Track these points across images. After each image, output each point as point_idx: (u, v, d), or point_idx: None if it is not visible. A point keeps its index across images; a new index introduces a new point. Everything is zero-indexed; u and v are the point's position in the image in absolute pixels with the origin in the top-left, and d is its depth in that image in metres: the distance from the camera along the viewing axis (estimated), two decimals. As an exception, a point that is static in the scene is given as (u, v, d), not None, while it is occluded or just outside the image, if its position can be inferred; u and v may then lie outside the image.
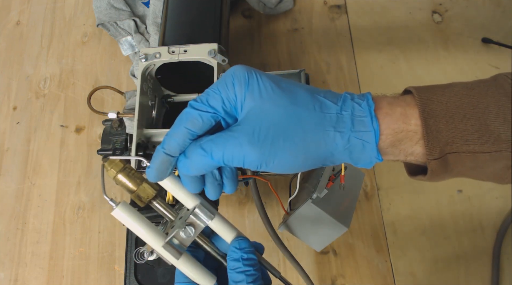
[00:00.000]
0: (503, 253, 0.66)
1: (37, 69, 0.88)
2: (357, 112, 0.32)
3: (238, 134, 0.32)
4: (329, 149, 0.32)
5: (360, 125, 0.32)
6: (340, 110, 0.32)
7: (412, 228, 0.69)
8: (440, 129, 0.30)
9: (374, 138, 0.31)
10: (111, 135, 0.61)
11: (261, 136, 0.32)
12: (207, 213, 0.37)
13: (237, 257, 0.37)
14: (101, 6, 0.84)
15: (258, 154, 0.32)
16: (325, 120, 0.32)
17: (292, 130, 0.32)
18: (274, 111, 0.32)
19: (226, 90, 0.33)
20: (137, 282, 0.51)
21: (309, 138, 0.32)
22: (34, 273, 0.72)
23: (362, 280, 0.66)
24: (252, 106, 0.32)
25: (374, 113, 0.32)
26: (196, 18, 0.67)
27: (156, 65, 0.59)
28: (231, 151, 0.32)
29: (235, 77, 0.33)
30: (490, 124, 0.30)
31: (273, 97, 0.32)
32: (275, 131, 0.32)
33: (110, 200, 0.35)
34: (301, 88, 0.33)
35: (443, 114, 0.31)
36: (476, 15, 0.83)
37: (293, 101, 0.32)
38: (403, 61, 0.80)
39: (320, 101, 0.32)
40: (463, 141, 0.30)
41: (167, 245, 0.36)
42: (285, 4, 0.85)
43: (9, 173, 0.80)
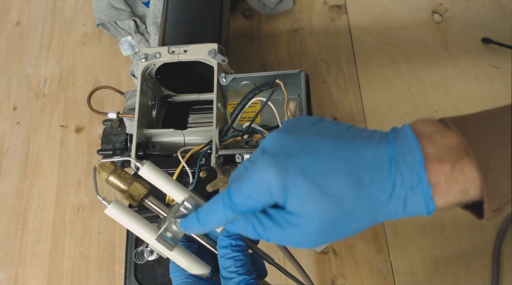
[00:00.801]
0: (503, 253, 0.66)
1: (37, 69, 0.88)
2: (410, 198, 0.30)
3: (289, 231, 0.32)
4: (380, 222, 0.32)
5: (412, 209, 0.30)
6: (390, 197, 0.30)
7: (412, 228, 0.69)
8: (500, 183, 0.29)
9: (427, 214, 0.31)
10: (111, 135, 0.61)
11: (311, 237, 0.32)
12: (197, 205, 0.38)
13: (226, 244, 0.38)
14: (101, 6, 0.84)
15: (309, 246, 0.33)
16: (374, 212, 0.31)
17: (342, 227, 0.32)
18: (321, 217, 0.31)
19: (263, 199, 0.32)
20: (137, 282, 0.51)
21: (360, 227, 0.32)
22: (34, 273, 0.72)
23: (362, 280, 0.66)
24: (297, 210, 0.31)
25: (430, 198, 0.30)
26: (196, 18, 0.67)
27: (156, 65, 0.59)
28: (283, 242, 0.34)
29: (272, 189, 0.31)
30: None
31: (318, 204, 0.31)
32: (325, 232, 0.32)
33: (102, 199, 0.37)
34: (344, 183, 0.30)
35: (501, 168, 0.29)
36: (476, 15, 0.83)
37: (339, 204, 0.30)
38: (403, 61, 0.80)
39: (367, 195, 0.30)
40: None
41: (159, 238, 0.37)
42: (285, 4, 0.85)
43: (9, 173, 0.80)
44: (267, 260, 0.41)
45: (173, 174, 0.51)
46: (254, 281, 0.37)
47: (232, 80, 0.57)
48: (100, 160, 0.38)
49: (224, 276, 0.37)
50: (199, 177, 0.52)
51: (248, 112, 0.60)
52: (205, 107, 0.62)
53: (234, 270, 0.37)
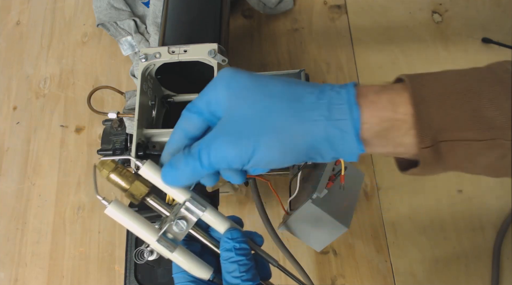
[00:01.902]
0: (503, 253, 0.66)
1: (37, 69, 0.88)
2: (335, 100, 0.30)
3: (217, 135, 0.32)
4: (307, 140, 0.30)
5: (337, 114, 0.30)
6: (316, 99, 0.30)
7: (412, 228, 0.69)
8: (432, 115, 0.29)
9: (353, 127, 0.29)
10: (111, 135, 0.61)
11: (237, 134, 0.31)
12: (198, 206, 0.37)
13: (230, 247, 0.37)
14: (101, 6, 0.84)
15: (237, 152, 0.31)
16: (299, 111, 0.30)
17: (266, 124, 0.31)
18: (248, 108, 0.31)
19: (209, 91, 0.34)
20: (137, 282, 0.51)
21: (284, 131, 0.30)
22: (34, 273, 0.72)
23: (362, 280, 0.66)
24: (229, 105, 0.32)
25: (354, 100, 0.30)
26: (196, 18, 0.67)
27: (156, 65, 0.59)
28: (214, 153, 0.32)
29: (219, 79, 0.33)
30: (483, 111, 0.28)
31: (248, 94, 0.32)
32: (249, 127, 0.31)
33: (102, 199, 0.36)
34: (279, 82, 0.32)
35: (434, 99, 0.29)
36: (476, 15, 0.83)
37: (267, 95, 0.31)
38: (403, 61, 0.80)
39: (297, 92, 0.31)
40: (456, 128, 0.28)
41: (160, 239, 0.37)
42: (285, 4, 0.85)
43: (9, 173, 0.80)
44: (271, 262, 0.41)
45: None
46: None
47: (232, 80, 0.57)
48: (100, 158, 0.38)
49: (227, 281, 0.36)
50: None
51: (248, 112, 0.59)
52: (205, 107, 0.62)
53: (238, 275, 0.36)
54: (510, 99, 0.28)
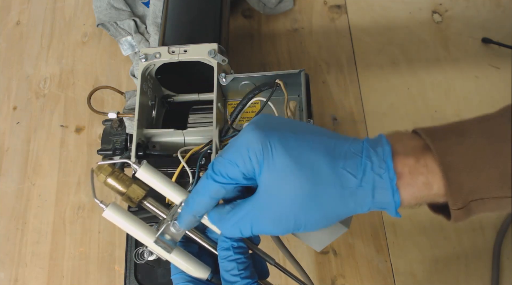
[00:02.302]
0: (503, 253, 0.66)
1: (37, 69, 0.88)
2: (378, 184, 0.32)
3: (261, 213, 0.34)
4: (349, 213, 0.33)
5: (380, 197, 0.32)
6: (360, 183, 0.32)
7: (412, 228, 0.69)
8: (462, 181, 0.31)
9: (394, 207, 0.33)
10: (111, 135, 0.61)
11: (282, 221, 0.33)
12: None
13: (227, 246, 0.37)
14: (101, 6, 0.84)
15: (281, 231, 0.34)
16: (345, 195, 0.32)
17: (313, 210, 0.33)
18: (292, 192, 0.32)
19: (243, 163, 0.33)
20: (137, 282, 0.51)
21: (331, 215, 0.33)
22: (34, 273, 0.72)
23: (362, 280, 0.66)
24: (270, 184, 0.33)
25: (396, 187, 0.32)
26: (196, 18, 0.67)
27: (156, 65, 0.59)
28: (257, 227, 0.34)
29: (251, 150, 0.33)
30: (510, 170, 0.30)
31: (291, 178, 0.32)
32: (296, 214, 0.33)
33: (100, 202, 0.36)
34: (319, 158, 0.32)
35: (463, 166, 0.31)
36: (476, 15, 0.83)
37: (312, 181, 0.32)
38: (403, 61, 0.80)
39: (340, 175, 0.32)
40: (486, 190, 0.31)
41: (158, 241, 0.37)
42: (285, 4, 0.85)
43: (9, 173, 0.80)
44: (268, 261, 0.41)
45: (173, 174, 0.51)
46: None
47: (232, 80, 0.57)
48: (98, 162, 0.38)
49: (226, 279, 0.37)
50: (199, 177, 0.52)
51: (248, 112, 0.60)
52: (205, 107, 0.62)
53: (237, 273, 0.36)
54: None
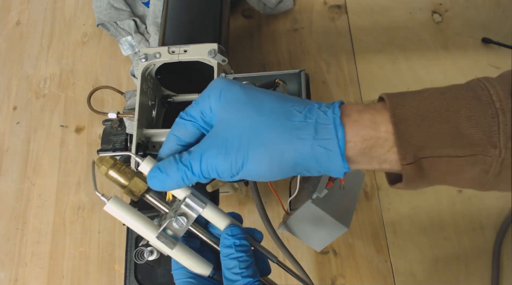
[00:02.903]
0: (503, 252, 0.66)
1: (37, 69, 0.88)
2: (321, 120, 0.32)
3: (208, 146, 0.34)
4: (295, 156, 0.32)
5: (323, 133, 0.31)
6: (304, 118, 0.32)
7: (412, 228, 0.69)
8: (412, 134, 0.30)
9: (338, 146, 0.31)
10: (111, 135, 0.61)
11: (228, 147, 0.33)
12: (199, 202, 0.37)
13: (229, 244, 0.37)
14: (101, 6, 0.84)
15: (227, 164, 0.33)
16: (288, 128, 0.32)
17: (256, 140, 0.32)
18: (239, 122, 0.33)
19: (203, 101, 0.35)
20: (137, 282, 0.51)
21: (274, 147, 0.32)
22: (34, 273, 0.72)
23: (362, 280, 0.66)
24: (221, 117, 0.34)
25: (339, 121, 0.31)
26: (196, 18, 0.67)
27: (156, 65, 0.59)
28: (205, 163, 0.33)
29: (211, 90, 0.35)
30: (462, 128, 0.29)
31: (240, 108, 0.33)
32: (240, 140, 0.32)
33: (101, 195, 0.36)
34: (270, 98, 0.34)
35: (414, 118, 0.30)
36: (476, 15, 0.83)
37: (258, 111, 0.33)
38: (403, 61, 0.80)
39: (286, 110, 0.33)
40: (436, 145, 0.30)
41: (160, 236, 0.37)
42: (285, 4, 0.85)
43: (9, 173, 0.80)
44: (270, 258, 0.41)
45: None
46: (259, 284, 0.37)
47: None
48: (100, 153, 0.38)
49: (227, 277, 0.37)
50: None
51: (248, 112, 0.59)
52: (205, 107, 0.62)
53: (239, 271, 0.36)
54: (487, 116, 0.29)
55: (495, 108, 0.29)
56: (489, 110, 0.29)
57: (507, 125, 0.28)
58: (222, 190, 0.63)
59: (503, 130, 0.28)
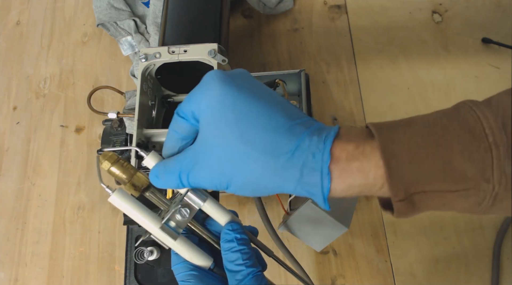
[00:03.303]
0: (503, 252, 0.66)
1: (37, 69, 0.88)
2: (309, 163, 0.31)
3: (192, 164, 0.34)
4: (278, 190, 0.32)
5: (309, 178, 0.31)
6: (291, 157, 0.31)
7: (412, 228, 0.69)
8: (404, 170, 0.29)
9: (322, 193, 0.31)
10: (111, 135, 0.61)
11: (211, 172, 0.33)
12: (200, 195, 0.38)
13: (231, 238, 0.38)
14: (101, 6, 0.84)
15: (212, 183, 0.34)
16: (273, 167, 0.31)
17: (239, 173, 0.32)
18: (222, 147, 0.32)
19: (194, 103, 0.34)
20: (137, 282, 0.51)
21: (256, 181, 0.32)
22: (34, 273, 0.72)
23: (362, 280, 0.66)
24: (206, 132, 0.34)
25: (327, 170, 0.30)
26: (196, 18, 0.67)
27: (156, 65, 0.59)
28: (192, 179, 0.35)
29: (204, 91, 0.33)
30: (454, 163, 0.28)
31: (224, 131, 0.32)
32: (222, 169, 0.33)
33: (106, 187, 0.37)
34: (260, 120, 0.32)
35: (405, 154, 0.29)
36: (476, 15, 0.83)
37: (243, 139, 0.31)
38: (403, 61, 0.80)
39: (274, 141, 0.31)
40: (428, 181, 0.29)
41: (164, 227, 0.37)
42: (285, 4, 0.85)
43: (9, 173, 0.80)
44: (266, 252, 0.41)
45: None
46: (261, 274, 0.38)
47: (232, 80, 0.57)
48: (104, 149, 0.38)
49: (230, 269, 0.37)
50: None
51: (248, 112, 0.59)
52: (205, 107, 0.62)
53: (242, 262, 0.37)
54: (480, 151, 0.28)
55: (488, 142, 0.28)
56: (482, 144, 0.28)
57: (500, 160, 0.28)
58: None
59: (496, 165, 0.28)
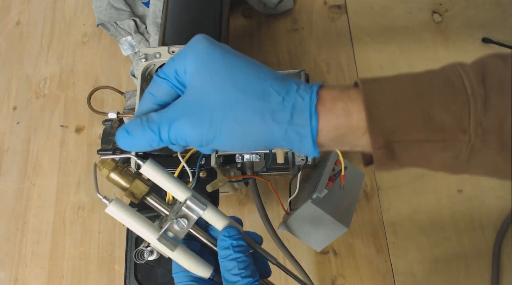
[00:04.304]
0: (503, 252, 0.66)
1: (37, 69, 0.88)
2: (298, 105, 0.31)
3: (179, 113, 0.33)
4: (268, 137, 0.32)
5: (298, 119, 0.31)
6: (282, 100, 0.32)
7: (412, 228, 0.69)
8: (384, 118, 0.30)
9: (311, 133, 0.31)
10: (111, 136, 0.61)
11: (199, 119, 0.32)
12: (199, 204, 0.37)
13: (227, 245, 0.37)
14: (101, 6, 0.84)
15: (198, 135, 0.32)
16: (264, 109, 0.32)
17: (230, 117, 0.32)
18: (214, 94, 0.32)
19: (179, 61, 0.34)
20: (137, 282, 0.51)
21: (247, 125, 0.32)
22: (34, 273, 0.72)
23: (362, 280, 0.66)
24: (195, 84, 0.33)
25: (314, 109, 0.31)
26: (196, 18, 0.67)
27: (156, 65, 0.59)
28: (174, 131, 0.33)
29: (190, 50, 0.33)
30: (433, 113, 0.29)
31: (216, 78, 0.32)
32: (213, 113, 0.32)
33: (103, 197, 0.36)
34: (250, 71, 0.33)
35: (386, 103, 0.30)
36: (476, 15, 0.83)
37: (235, 85, 0.32)
38: (403, 61, 0.80)
39: (264, 88, 0.32)
40: (407, 130, 0.30)
41: (161, 238, 0.36)
42: (285, 4, 0.85)
43: (9, 173, 0.80)
44: (270, 260, 0.41)
45: (173, 174, 0.51)
46: (258, 283, 0.37)
47: (232, 80, 0.57)
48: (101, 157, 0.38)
49: (226, 279, 0.37)
50: (199, 177, 0.52)
51: (248, 112, 0.59)
52: (205, 107, 0.62)
53: (238, 272, 0.36)
54: (459, 102, 0.29)
55: (467, 94, 0.29)
56: (461, 96, 0.29)
57: (477, 112, 0.28)
58: (222, 190, 0.63)
59: (473, 117, 0.29)
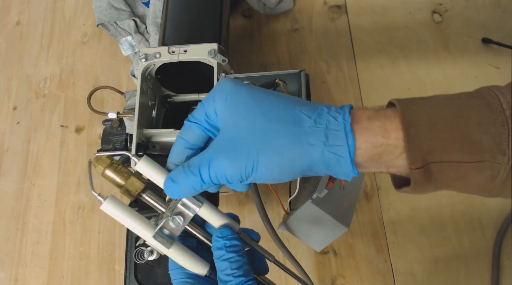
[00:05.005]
0: (503, 252, 0.66)
1: (37, 69, 0.88)
2: (332, 125, 0.32)
3: (216, 152, 0.33)
4: (305, 161, 0.32)
5: (334, 140, 0.31)
6: (314, 123, 0.32)
7: (412, 228, 0.69)
8: (422, 138, 0.30)
9: (348, 153, 0.31)
10: (111, 135, 0.61)
11: (236, 154, 0.32)
12: (195, 201, 0.37)
13: (220, 246, 0.37)
14: (101, 6, 0.84)
15: (236, 171, 0.33)
16: (298, 134, 0.32)
17: (267, 147, 0.32)
18: (247, 128, 0.33)
19: (208, 104, 0.35)
20: (137, 282, 0.51)
21: (284, 154, 0.32)
22: (34, 273, 0.72)
23: (362, 280, 0.66)
24: (228, 122, 0.34)
25: (349, 127, 0.31)
26: (196, 18, 0.67)
27: (156, 65, 0.59)
28: (214, 170, 0.33)
29: (218, 92, 0.34)
30: (472, 134, 0.29)
31: (248, 114, 0.33)
32: (249, 146, 0.32)
33: (98, 195, 0.36)
34: (278, 102, 0.33)
35: (424, 123, 0.30)
36: (476, 15, 0.83)
37: (267, 117, 0.32)
38: (403, 61, 0.80)
39: (294, 114, 0.32)
40: (445, 150, 0.30)
41: (157, 235, 0.36)
42: (285, 4, 0.85)
43: (9, 173, 0.80)
44: (267, 257, 0.41)
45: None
46: (252, 282, 0.37)
47: (232, 80, 0.57)
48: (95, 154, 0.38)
49: (221, 279, 0.37)
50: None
51: (248, 112, 0.59)
52: (205, 107, 0.62)
53: (230, 272, 0.36)
54: (497, 124, 0.29)
55: (505, 116, 0.29)
56: (499, 118, 0.29)
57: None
58: (222, 189, 0.63)
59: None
